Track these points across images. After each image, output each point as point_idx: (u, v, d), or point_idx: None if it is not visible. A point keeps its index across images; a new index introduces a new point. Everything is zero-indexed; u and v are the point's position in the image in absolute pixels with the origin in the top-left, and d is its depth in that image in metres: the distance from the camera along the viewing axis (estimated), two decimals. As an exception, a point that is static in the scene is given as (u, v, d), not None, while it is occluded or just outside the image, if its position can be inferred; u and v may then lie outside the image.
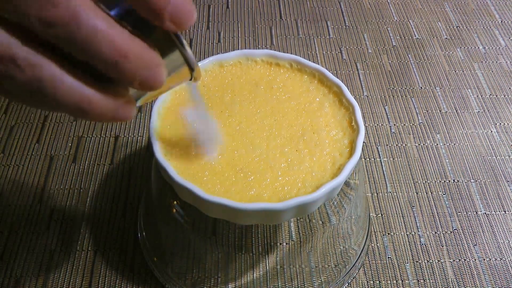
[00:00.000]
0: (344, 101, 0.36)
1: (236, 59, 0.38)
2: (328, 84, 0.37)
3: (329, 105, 0.36)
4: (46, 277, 0.43)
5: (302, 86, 0.37)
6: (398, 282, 0.43)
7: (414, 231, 0.46)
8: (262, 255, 0.41)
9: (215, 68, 0.38)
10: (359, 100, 0.58)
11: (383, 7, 0.70)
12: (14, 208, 0.47)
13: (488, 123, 0.56)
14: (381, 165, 0.52)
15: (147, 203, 0.45)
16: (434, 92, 0.59)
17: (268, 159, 0.33)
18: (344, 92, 0.36)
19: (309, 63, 0.38)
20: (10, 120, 0.54)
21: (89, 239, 0.45)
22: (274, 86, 0.37)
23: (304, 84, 0.38)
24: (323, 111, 0.36)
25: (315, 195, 0.31)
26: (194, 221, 0.41)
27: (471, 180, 0.51)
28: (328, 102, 0.37)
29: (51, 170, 0.50)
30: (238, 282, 0.41)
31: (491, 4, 0.71)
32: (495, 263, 0.44)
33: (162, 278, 0.42)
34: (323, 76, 0.38)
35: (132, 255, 0.44)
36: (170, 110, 0.35)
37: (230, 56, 0.38)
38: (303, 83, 0.38)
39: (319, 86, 0.37)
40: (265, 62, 0.39)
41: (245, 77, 0.38)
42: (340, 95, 0.37)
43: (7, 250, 0.44)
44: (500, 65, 0.62)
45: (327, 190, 0.31)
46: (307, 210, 0.32)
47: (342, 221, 0.42)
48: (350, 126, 0.35)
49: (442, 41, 0.65)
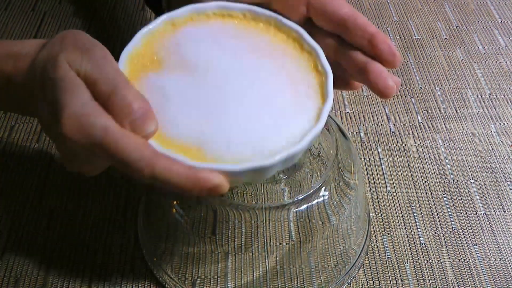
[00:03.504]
0: (305, 46, 0.35)
1: (188, 16, 0.36)
2: (285, 30, 0.36)
3: (290, 52, 0.35)
4: (46, 277, 0.43)
5: (258, 36, 0.36)
6: (398, 282, 0.43)
7: (414, 231, 0.46)
8: (262, 255, 0.41)
9: (167, 28, 0.36)
10: (359, 100, 0.58)
11: (383, 7, 0.70)
12: (14, 208, 0.47)
13: (487, 123, 0.56)
14: (381, 165, 0.52)
15: (147, 203, 0.45)
16: (433, 92, 0.59)
17: (238, 118, 0.32)
18: (304, 37, 0.35)
19: (264, 11, 0.36)
20: (10, 120, 0.54)
21: (89, 239, 0.45)
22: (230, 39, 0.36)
23: (261, 33, 0.36)
24: (284, 58, 0.35)
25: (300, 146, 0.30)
26: (194, 221, 0.41)
27: (471, 180, 0.51)
28: (288, 49, 0.35)
29: (51, 170, 0.50)
30: (238, 282, 0.41)
31: (491, 4, 0.71)
32: (494, 263, 0.44)
33: (162, 278, 0.42)
34: (280, 23, 0.36)
35: (132, 255, 0.44)
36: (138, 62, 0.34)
37: (180, 12, 0.36)
38: (260, 32, 0.36)
39: (277, 32, 0.36)
40: (217, 15, 0.37)
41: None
42: (300, 40, 0.35)
43: (7, 250, 0.44)
44: (500, 65, 0.62)
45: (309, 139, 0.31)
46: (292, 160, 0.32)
47: (342, 221, 0.42)
48: (316, 71, 0.34)
49: (442, 41, 0.65)
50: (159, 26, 0.36)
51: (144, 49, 0.34)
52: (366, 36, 0.33)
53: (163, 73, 0.33)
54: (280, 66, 0.34)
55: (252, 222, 0.40)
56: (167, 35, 0.35)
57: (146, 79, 0.33)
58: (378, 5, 0.70)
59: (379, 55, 0.33)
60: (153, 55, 0.34)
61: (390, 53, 0.33)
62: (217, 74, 0.33)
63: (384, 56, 0.33)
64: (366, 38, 0.33)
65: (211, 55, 0.34)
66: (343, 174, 0.42)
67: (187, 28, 0.36)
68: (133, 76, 0.32)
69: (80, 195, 0.48)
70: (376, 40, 0.32)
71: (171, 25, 0.36)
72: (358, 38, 0.33)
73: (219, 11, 0.37)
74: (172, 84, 0.32)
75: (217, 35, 0.36)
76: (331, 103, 0.32)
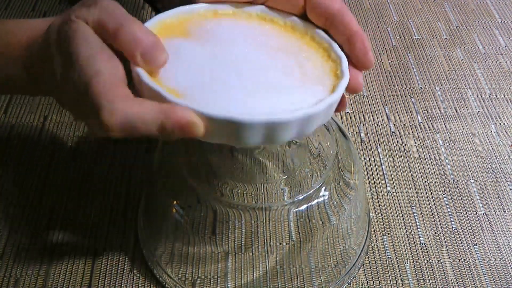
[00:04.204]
0: (321, 43, 0.35)
1: (231, 10, 0.37)
2: (320, 42, 0.36)
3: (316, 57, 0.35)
4: (46, 277, 0.43)
5: (290, 41, 0.36)
6: (398, 282, 0.43)
7: (414, 231, 0.46)
8: (262, 255, 0.41)
9: (208, 14, 0.36)
10: (359, 100, 0.58)
11: (383, 7, 0.70)
12: (14, 208, 0.47)
13: (487, 123, 0.56)
14: (381, 165, 0.52)
15: (147, 203, 0.45)
16: (434, 92, 0.59)
17: (245, 88, 0.31)
18: (332, 46, 0.35)
19: (305, 24, 0.36)
20: (10, 120, 0.54)
21: (89, 239, 0.45)
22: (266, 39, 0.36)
23: (297, 41, 0.36)
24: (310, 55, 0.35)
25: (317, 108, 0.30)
26: (194, 221, 0.41)
27: (471, 180, 0.51)
28: (316, 55, 0.35)
29: (51, 170, 0.50)
30: (238, 282, 0.41)
31: (491, 4, 0.71)
32: (495, 263, 0.44)
33: (162, 278, 0.42)
34: (317, 35, 0.36)
35: (132, 255, 0.44)
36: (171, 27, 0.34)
37: (224, 7, 0.37)
38: (296, 40, 0.36)
39: (311, 43, 0.36)
40: (260, 17, 0.38)
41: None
42: (329, 50, 0.35)
43: (7, 250, 0.44)
44: (500, 65, 0.62)
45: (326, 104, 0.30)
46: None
47: (342, 221, 0.42)
48: (329, 59, 0.34)
49: (442, 41, 0.65)
50: (200, 9, 0.36)
51: (177, 22, 0.35)
52: (347, 33, 0.33)
53: (186, 39, 0.33)
54: (297, 54, 0.34)
55: (252, 222, 0.40)
56: (205, 19, 0.36)
57: (169, 41, 0.33)
58: (378, 5, 0.70)
59: (353, 53, 0.33)
60: (184, 29, 0.34)
61: (363, 52, 0.33)
62: (236, 54, 0.33)
63: (357, 54, 0.33)
64: (346, 35, 0.33)
65: (237, 41, 0.34)
66: (343, 174, 0.42)
67: (228, 19, 0.36)
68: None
69: (80, 195, 0.48)
70: (354, 38, 0.33)
71: (212, 13, 0.36)
72: (340, 35, 0.34)
73: (262, 15, 0.37)
74: (189, 48, 0.33)
75: (251, 31, 0.36)
76: (347, 79, 0.32)
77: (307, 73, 0.33)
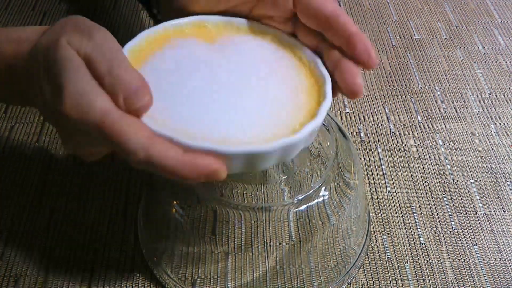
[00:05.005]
0: (303, 58, 0.35)
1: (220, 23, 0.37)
2: (304, 62, 0.36)
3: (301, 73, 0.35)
4: (46, 277, 0.43)
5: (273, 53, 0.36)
6: (398, 282, 0.43)
7: (414, 231, 0.46)
8: (262, 255, 0.41)
9: (175, 33, 0.36)
10: (359, 100, 0.58)
11: (383, 7, 0.70)
12: (14, 208, 0.47)
13: (487, 123, 0.56)
14: (381, 165, 0.52)
15: (147, 203, 0.45)
16: (433, 92, 0.59)
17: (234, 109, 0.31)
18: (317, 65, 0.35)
19: (290, 39, 0.36)
20: (10, 120, 0.54)
21: (89, 239, 0.45)
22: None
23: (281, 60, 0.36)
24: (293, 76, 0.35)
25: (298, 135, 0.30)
26: (194, 221, 0.41)
27: (471, 180, 0.51)
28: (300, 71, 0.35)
29: (51, 170, 0.50)
30: (238, 282, 0.41)
31: (490, 4, 0.71)
32: (494, 263, 0.44)
33: (162, 278, 0.42)
34: (302, 54, 0.36)
35: (132, 255, 0.44)
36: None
37: (212, 18, 0.37)
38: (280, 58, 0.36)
39: (295, 61, 0.36)
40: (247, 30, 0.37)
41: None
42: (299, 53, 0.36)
43: (7, 250, 0.44)
44: (500, 65, 0.62)
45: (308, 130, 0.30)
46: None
47: (342, 221, 0.42)
48: (314, 78, 0.34)
49: (442, 41, 0.65)
50: (187, 25, 0.36)
51: (163, 36, 0.35)
52: (346, 35, 0.33)
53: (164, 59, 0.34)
54: (279, 73, 0.34)
55: (252, 222, 0.40)
56: (174, 38, 0.36)
57: (147, 64, 0.33)
58: (378, 5, 0.70)
59: (355, 54, 0.33)
60: (156, 50, 0.34)
61: (366, 53, 0.33)
62: (218, 72, 0.33)
63: (360, 55, 0.33)
64: (345, 37, 0.33)
65: (218, 63, 0.34)
66: (343, 174, 0.42)
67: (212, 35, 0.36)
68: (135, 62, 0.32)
69: (80, 195, 0.48)
70: (354, 39, 0.32)
71: (179, 32, 0.36)
72: (338, 37, 0.33)
73: (251, 28, 0.37)
74: (172, 74, 0.33)
75: (233, 49, 0.36)
76: (330, 101, 0.32)
77: (289, 95, 0.33)
